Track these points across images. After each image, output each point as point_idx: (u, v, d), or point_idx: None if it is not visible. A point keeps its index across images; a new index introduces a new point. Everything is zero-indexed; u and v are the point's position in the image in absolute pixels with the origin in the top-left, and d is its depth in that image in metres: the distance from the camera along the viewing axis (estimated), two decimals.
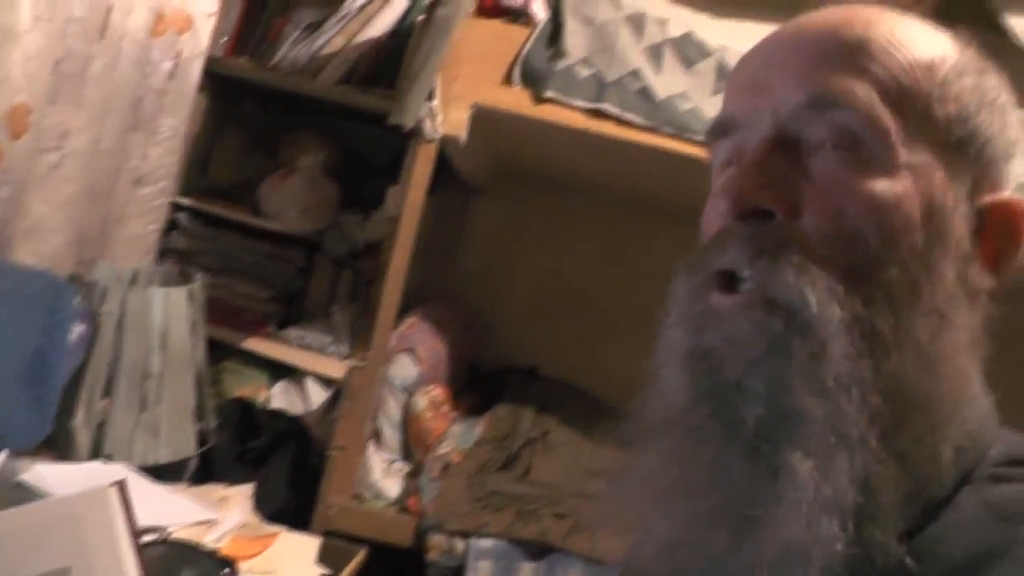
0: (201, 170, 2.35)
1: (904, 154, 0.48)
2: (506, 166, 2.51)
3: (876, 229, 0.47)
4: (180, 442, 1.55)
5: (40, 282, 1.41)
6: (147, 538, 1.08)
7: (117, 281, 1.56)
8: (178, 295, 1.55)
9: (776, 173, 0.49)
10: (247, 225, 2.21)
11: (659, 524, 0.49)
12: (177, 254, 2.16)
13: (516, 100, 1.70)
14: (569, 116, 1.68)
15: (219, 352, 2.18)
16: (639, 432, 0.52)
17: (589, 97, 1.68)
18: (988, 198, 0.52)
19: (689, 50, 1.73)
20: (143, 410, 1.48)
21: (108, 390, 1.46)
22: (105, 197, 1.93)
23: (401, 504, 1.83)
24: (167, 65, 2.15)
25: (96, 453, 1.44)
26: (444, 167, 2.15)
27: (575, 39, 1.70)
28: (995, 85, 0.53)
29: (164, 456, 1.51)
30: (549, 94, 1.69)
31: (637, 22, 1.73)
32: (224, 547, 1.23)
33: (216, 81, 2.32)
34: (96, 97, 1.77)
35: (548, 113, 1.69)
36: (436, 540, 1.69)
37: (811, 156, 0.49)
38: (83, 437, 1.43)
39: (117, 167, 1.95)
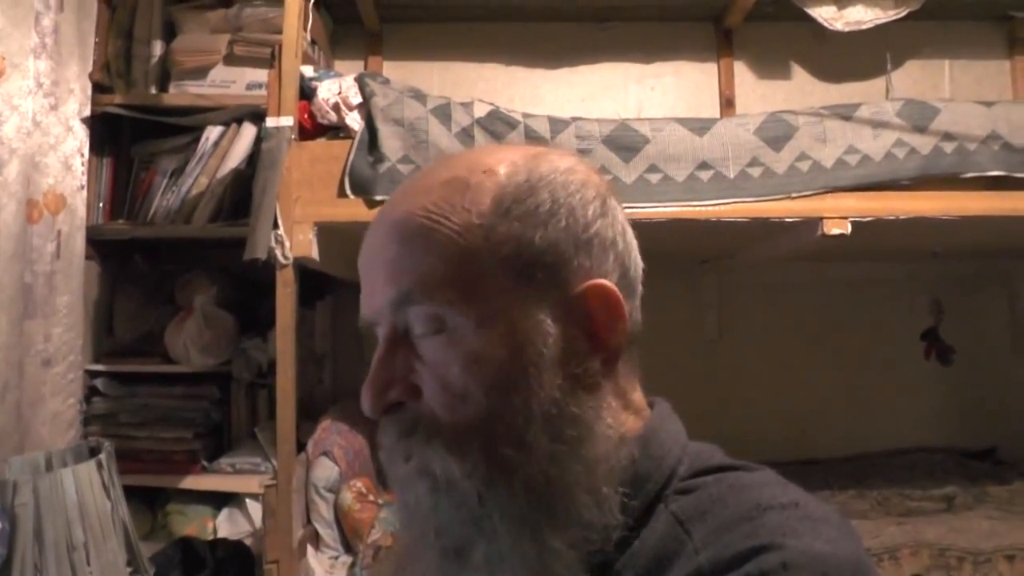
0: (108, 332, 2.48)
1: (476, 314, 0.56)
2: None
3: (475, 383, 0.55)
4: None
5: None
6: None
7: (29, 471, 1.69)
8: (87, 468, 1.67)
9: (393, 369, 0.58)
10: (159, 373, 2.34)
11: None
12: (100, 419, 2.27)
13: (352, 210, 1.85)
14: None
15: (161, 497, 2.31)
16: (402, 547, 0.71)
17: None
18: (579, 287, 0.58)
19: (496, 125, 1.89)
20: None
21: (38, 570, 1.58)
22: (15, 387, 2.06)
23: None
24: (50, 247, 2.28)
25: None
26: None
27: (390, 142, 1.86)
28: (548, 196, 0.59)
29: None
30: (379, 197, 1.84)
31: (443, 112, 1.89)
32: None
33: (101, 246, 2.46)
34: None
35: None
36: None
37: (418, 341, 0.58)
38: None
39: (19, 357, 2.08)
